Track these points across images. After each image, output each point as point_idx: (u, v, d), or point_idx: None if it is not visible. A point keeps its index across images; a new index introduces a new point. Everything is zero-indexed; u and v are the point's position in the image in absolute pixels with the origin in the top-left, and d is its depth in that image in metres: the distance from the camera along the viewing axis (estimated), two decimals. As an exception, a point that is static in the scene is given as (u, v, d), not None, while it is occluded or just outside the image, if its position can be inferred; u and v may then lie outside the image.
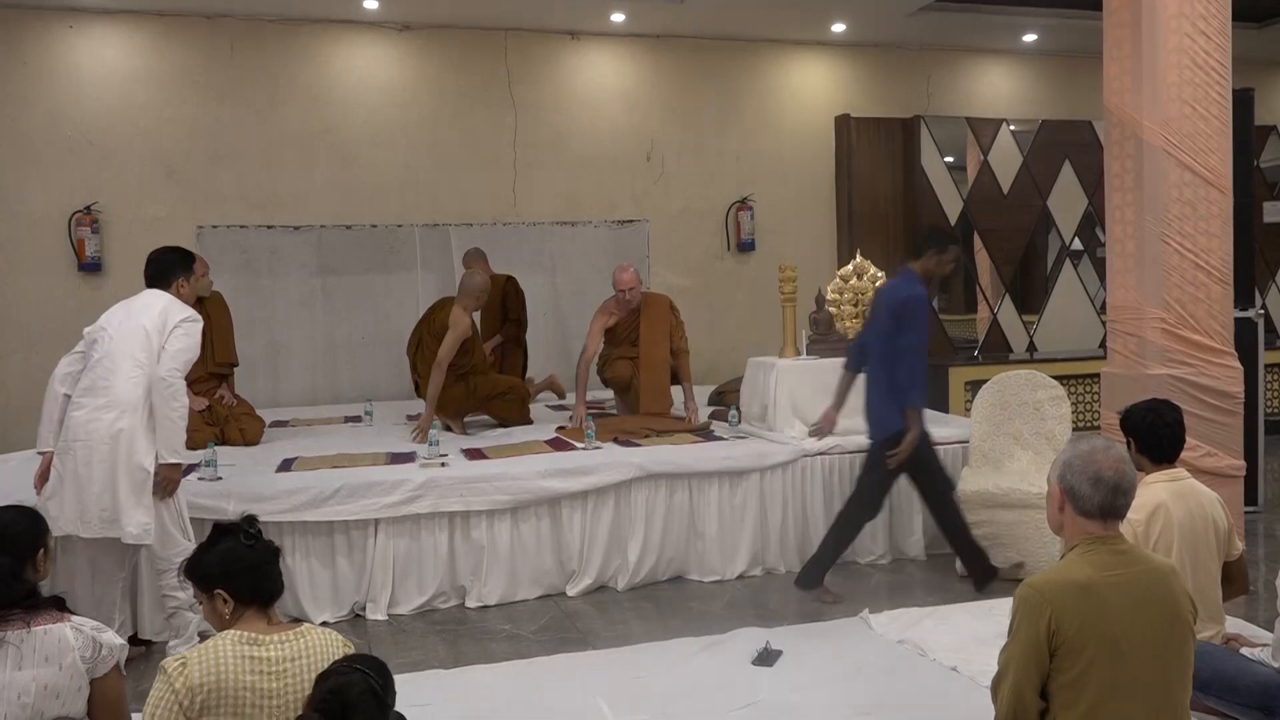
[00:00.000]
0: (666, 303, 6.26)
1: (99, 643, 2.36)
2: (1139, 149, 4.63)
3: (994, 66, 9.31)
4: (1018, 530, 4.86)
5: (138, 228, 7.22)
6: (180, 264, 4.29)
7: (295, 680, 2.17)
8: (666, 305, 6.23)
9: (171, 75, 7.37)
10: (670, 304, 6.27)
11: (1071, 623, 2.17)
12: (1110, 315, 4.88)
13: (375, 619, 4.56)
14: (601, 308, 6.25)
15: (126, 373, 3.90)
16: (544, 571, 4.86)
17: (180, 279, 4.26)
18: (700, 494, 5.07)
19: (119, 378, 3.90)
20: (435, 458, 4.94)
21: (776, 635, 4.05)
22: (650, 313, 6.16)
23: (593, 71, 8.25)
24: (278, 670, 2.17)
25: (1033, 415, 5.24)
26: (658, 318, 6.15)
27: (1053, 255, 9.22)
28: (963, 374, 8.10)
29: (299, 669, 2.19)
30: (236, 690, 2.12)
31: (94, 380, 3.92)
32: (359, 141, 7.71)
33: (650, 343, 6.10)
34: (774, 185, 8.66)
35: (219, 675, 2.13)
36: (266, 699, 2.14)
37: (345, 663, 2.01)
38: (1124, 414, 3.37)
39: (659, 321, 6.14)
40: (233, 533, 2.34)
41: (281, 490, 4.50)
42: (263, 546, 2.33)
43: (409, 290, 7.57)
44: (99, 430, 3.84)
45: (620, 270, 6.11)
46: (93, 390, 3.90)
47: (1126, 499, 2.32)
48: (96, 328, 4.09)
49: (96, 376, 3.93)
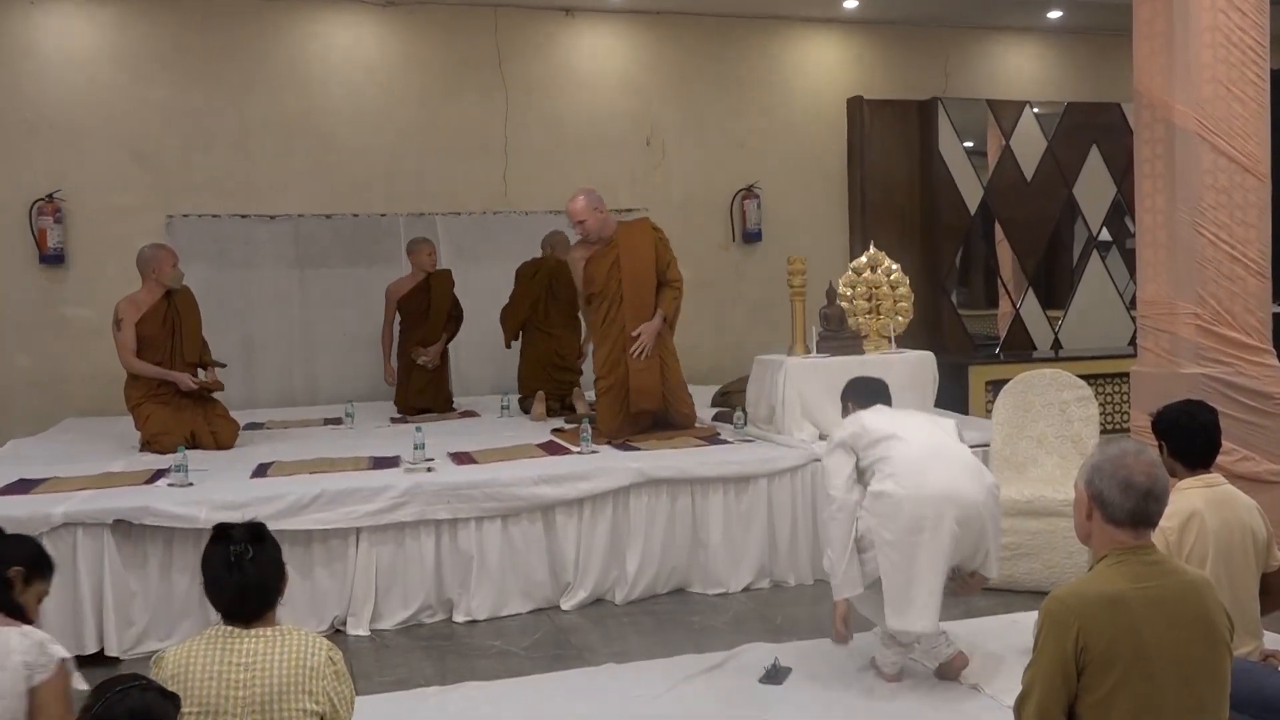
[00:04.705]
0: (646, 227, 5.80)
1: (45, 651, 2.41)
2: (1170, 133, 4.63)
3: (1016, 45, 9.31)
4: (1043, 540, 4.86)
5: (104, 217, 7.22)
6: None
7: (264, 674, 2.26)
8: (647, 231, 5.75)
9: (140, 54, 7.35)
10: (651, 227, 5.82)
11: (1100, 638, 2.16)
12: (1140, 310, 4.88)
13: (357, 634, 4.55)
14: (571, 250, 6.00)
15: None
16: (537, 584, 4.85)
17: None
18: (704, 501, 5.06)
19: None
20: (420, 462, 4.93)
21: (785, 652, 4.04)
22: (630, 251, 5.66)
23: (588, 50, 8.24)
24: (247, 663, 2.27)
25: (1058, 417, 5.23)
26: (639, 253, 5.66)
27: (1079, 246, 9.22)
28: (983, 373, 8.09)
29: (271, 665, 2.27)
30: (203, 680, 2.25)
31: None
32: (340, 126, 7.71)
33: (636, 296, 5.61)
34: (782, 172, 8.65)
35: (188, 665, 2.27)
36: (232, 689, 2.24)
37: (125, 684, 2.03)
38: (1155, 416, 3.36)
39: (640, 258, 5.64)
40: (223, 541, 2.38)
41: (256, 497, 4.49)
42: (245, 571, 2.34)
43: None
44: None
45: (570, 200, 5.70)
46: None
47: (1158, 506, 2.32)
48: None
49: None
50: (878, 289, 5.75)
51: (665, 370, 5.73)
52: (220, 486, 4.65)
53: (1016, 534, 4.88)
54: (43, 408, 7.02)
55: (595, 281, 5.73)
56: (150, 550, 4.38)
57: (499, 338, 7.03)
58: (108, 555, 4.30)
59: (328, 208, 7.67)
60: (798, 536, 5.18)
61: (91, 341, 6.95)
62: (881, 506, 3.52)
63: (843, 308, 5.71)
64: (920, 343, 6.54)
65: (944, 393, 5.95)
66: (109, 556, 4.30)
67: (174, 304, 5.73)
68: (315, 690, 2.28)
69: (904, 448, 3.57)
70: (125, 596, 4.33)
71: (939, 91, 8.91)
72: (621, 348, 5.64)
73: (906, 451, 3.56)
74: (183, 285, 5.81)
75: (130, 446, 5.68)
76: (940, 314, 8.80)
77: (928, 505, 3.47)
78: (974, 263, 9.30)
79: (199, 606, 4.29)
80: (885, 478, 3.54)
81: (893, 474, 3.52)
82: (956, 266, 9.04)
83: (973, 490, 3.54)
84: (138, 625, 4.35)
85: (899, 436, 3.61)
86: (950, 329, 8.84)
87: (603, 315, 5.73)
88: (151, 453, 5.47)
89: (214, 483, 4.71)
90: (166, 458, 5.06)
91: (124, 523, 4.32)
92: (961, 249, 9.01)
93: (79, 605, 4.27)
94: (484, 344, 7.64)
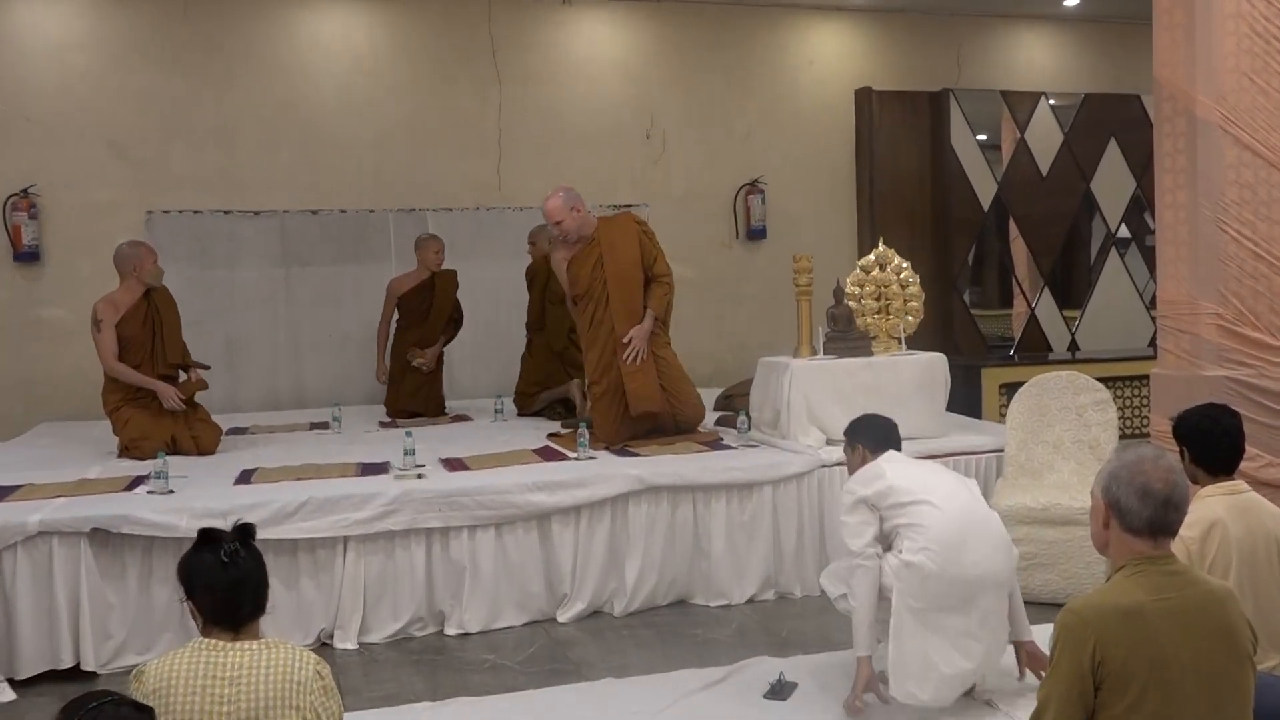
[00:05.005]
0: (628, 222, 5.75)
1: None
2: (1192, 126, 4.64)
3: (1032, 34, 9.32)
4: (1059, 550, 4.87)
5: (80, 213, 7.22)
6: None
7: (250, 689, 2.26)
8: (630, 226, 5.70)
9: (118, 43, 7.36)
10: (634, 220, 5.78)
11: (1118, 652, 2.17)
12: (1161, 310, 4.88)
13: (344, 648, 4.55)
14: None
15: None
16: (532, 595, 4.85)
17: None
18: (706, 509, 5.07)
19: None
20: (411, 468, 4.94)
21: (791, 666, 4.04)
22: (612, 248, 5.60)
23: (586, 40, 8.25)
24: (233, 676, 2.27)
25: (1075, 422, 5.24)
26: (622, 250, 5.60)
27: (1097, 244, 9.24)
28: (997, 375, 8.10)
29: (257, 679, 2.27)
30: (186, 695, 2.25)
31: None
32: (327, 118, 7.71)
33: (623, 296, 5.56)
34: (787, 166, 8.66)
35: (170, 679, 2.26)
36: (217, 705, 2.25)
37: (97, 700, 2.02)
38: (1176, 420, 3.37)
39: (623, 255, 5.58)
40: (213, 543, 2.40)
41: (240, 505, 4.48)
42: (241, 567, 2.38)
43: (381, 283, 7.52)
44: None
45: (546, 200, 5.65)
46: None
47: (1179, 514, 2.33)
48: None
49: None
50: (887, 288, 5.75)
51: (662, 369, 5.72)
52: (202, 494, 4.65)
53: (1032, 544, 4.88)
54: (17, 412, 7.02)
55: (579, 283, 5.71)
56: (129, 560, 4.38)
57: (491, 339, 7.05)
58: (84, 565, 4.30)
59: (314, 203, 7.68)
60: (804, 546, 5.18)
61: (68, 343, 6.96)
62: (911, 576, 3.38)
63: (850, 307, 5.71)
64: (931, 344, 6.54)
65: (956, 396, 5.95)
66: (86, 567, 4.30)
67: (154, 303, 5.74)
68: (303, 706, 2.28)
69: (937, 517, 3.41)
70: (103, 608, 4.33)
71: (951, 82, 8.92)
72: (612, 350, 5.63)
73: (941, 522, 3.40)
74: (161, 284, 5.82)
75: (108, 452, 5.69)
76: (952, 314, 8.81)
77: (963, 586, 3.37)
78: (987, 261, 9.31)
79: (179, 619, 4.30)
80: (918, 550, 3.38)
81: (926, 547, 3.37)
82: (969, 265, 9.04)
83: (1006, 568, 3.48)
84: (116, 638, 4.36)
85: (931, 503, 3.44)
86: (962, 330, 8.85)
87: (589, 317, 5.70)
88: (130, 458, 5.48)
89: (195, 490, 4.72)
90: (146, 464, 5.07)
91: (101, 531, 4.32)
92: (974, 246, 9.01)
93: (54, 617, 4.27)
94: (476, 346, 7.67)
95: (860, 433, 3.85)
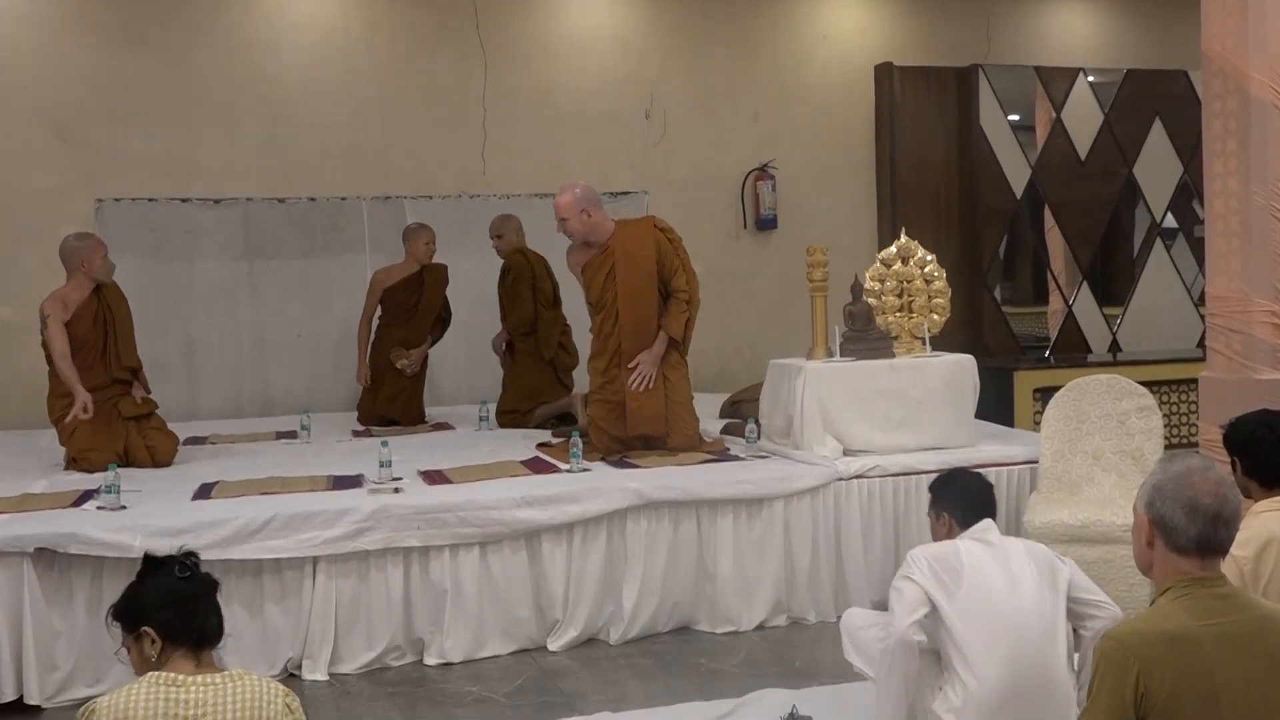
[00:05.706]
0: (647, 229, 5.69)
1: None
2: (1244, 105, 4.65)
3: (1069, 4, 9.34)
4: (1099, 571, 4.86)
5: (23, 201, 7.22)
6: None
7: None
8: (648, 233, 5.64)
9: (63, 14, 7.37)
10: (654, 226, 5.72)
11: (1163, 682, 2.18)
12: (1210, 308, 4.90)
13: (313, 679, 4.55)
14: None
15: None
16: (519, 621, 4.86)
17: None
18: (711, 526, 5.07)
19: None
20: (387, 482, 4.94)
21: (805, 699, 4.04)
22: (626, 259, 5.57)
23: (580, 10, 8.27)
24: (195, 714, 2.27)
25: (1116, 430, 5.25)
26: (637, 262, 5.56)
27: (1140, 235, 9.25)
28: (1030, 379, 8.11)
29: (222, 713, 2.29)
30: None
31: None
32: (294, 96, 7.72)
33: (633, 314, 5.56)
34: (800, 149, 8.68)
35: (126, 716, 2.24)
36: None
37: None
38: (1227, 428, 3.38)
39: (637, 269, 5.55)
40: (166, 564, 2.49)
41: (199, 522, 4.49)
42: (199, 579, 2.48)
43: (355, 276, 7.56)
44: None
45: (559, 193, 5.64)
46: None
47: (1229, 531, 2.34)
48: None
49: None
50: (910, 283, 5.76)
51: (668, 391, 5.68)
52: (157, 510, 4.65)
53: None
54: (-47, 420, 7.02)
55: (592, 290, 5.74)
56: (76, 583, 4.38)
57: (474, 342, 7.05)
58: (28, 589, 4.30)
59: (280, 190, 7.68)
60: (819, 567, 5.19)
61: (10, 344, 6.96)
62: (956, 694, 3.11)
63: (870, 305, 5.72)
64: (959, 344, 6.55)
65: (985, 401, 5.96)
66: (29, 590, 4.30)
67: (105, 301, 5.74)
68: None
69: (989, 674, 3.05)
70: (48, 636, 4.32)
71: (980, 57, 8.93)
72: (618, 365, 5.64)
73: (988, 681, 3.05)
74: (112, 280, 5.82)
75: (54, 464, 5.69)
76: (981, 312, 8.82)
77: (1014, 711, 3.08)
78: (1020, 253, 9.33)
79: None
80: (949, 710, 3.10)
81: (961, 709, 3.07)
82: (1000, 257, 9.05)
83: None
84: (62, 669, 4.35)
85: (986, 651, 3.07)
86: (993, 329, 8.86)
87: (599, 327, 5.75)
88: (78, 471, 5.48)
89: (150, 505, 4.72)
90: (95, 477, 5.07)
91: (47, 551, 4.31)
92: (1006, 237, 9.03)
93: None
94: (458, 348, 7.66)
95: (946, 498, 3.47)
